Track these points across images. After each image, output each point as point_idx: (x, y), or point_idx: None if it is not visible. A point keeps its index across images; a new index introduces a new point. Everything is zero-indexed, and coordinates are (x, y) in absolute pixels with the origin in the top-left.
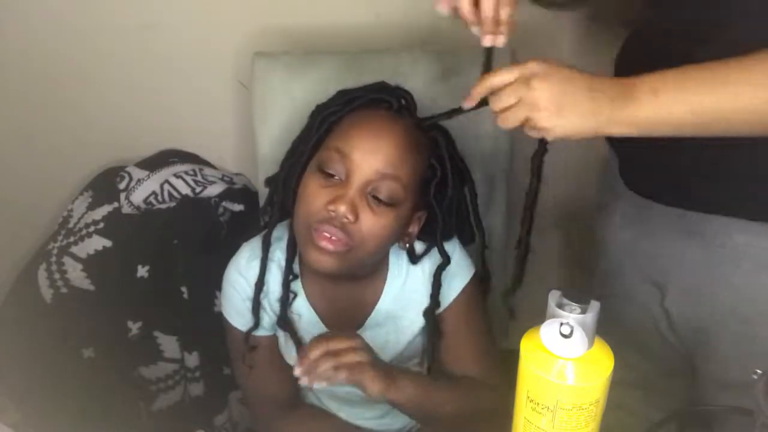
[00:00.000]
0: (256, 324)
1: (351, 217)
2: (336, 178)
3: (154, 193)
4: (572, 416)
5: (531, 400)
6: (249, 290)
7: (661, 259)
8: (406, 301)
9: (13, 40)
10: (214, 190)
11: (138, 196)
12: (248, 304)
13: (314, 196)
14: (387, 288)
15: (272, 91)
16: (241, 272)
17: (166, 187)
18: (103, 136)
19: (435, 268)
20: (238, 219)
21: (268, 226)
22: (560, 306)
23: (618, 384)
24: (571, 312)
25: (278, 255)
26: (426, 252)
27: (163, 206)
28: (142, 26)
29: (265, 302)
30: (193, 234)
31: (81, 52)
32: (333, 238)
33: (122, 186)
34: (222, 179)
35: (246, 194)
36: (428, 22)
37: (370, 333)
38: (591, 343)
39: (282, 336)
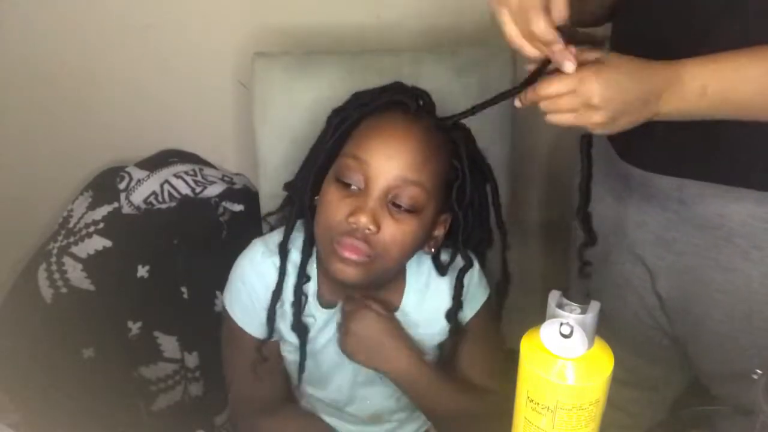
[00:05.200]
0: (270, 335)
1: (373, 228)
2: (354, 187)
3: (154, 193)
4: (572, 416)
5: (531, 400)
6: (258, 286)
7: (649, 238)
8: (426, 313)
9: (14, 40)
10: (214, 190)
11: (138, 196)
12: (255, 304)
13: (334, 208)
14: (405, 300)
15: (272, 91)
16: (255, 267)
17: (166, 187)
18: (103, 136)
19: (456, 273)
20: (238, 219)
21: (284, 235)
22: (560, 306)
23: (618, 384)
24: (571, 312)
25: (294, 255)
26: (452, 261)
27: (164, 206)
28: (143, 26)
29: (279, 310)
30: (193, 234)
31: (81, 52)
32: (356, 248)
33: (122, 186)
34: (222, 179)
35: (246, 194)
36: (429, 22)
37: None
38: (591, 343)
39: (282, 343)
